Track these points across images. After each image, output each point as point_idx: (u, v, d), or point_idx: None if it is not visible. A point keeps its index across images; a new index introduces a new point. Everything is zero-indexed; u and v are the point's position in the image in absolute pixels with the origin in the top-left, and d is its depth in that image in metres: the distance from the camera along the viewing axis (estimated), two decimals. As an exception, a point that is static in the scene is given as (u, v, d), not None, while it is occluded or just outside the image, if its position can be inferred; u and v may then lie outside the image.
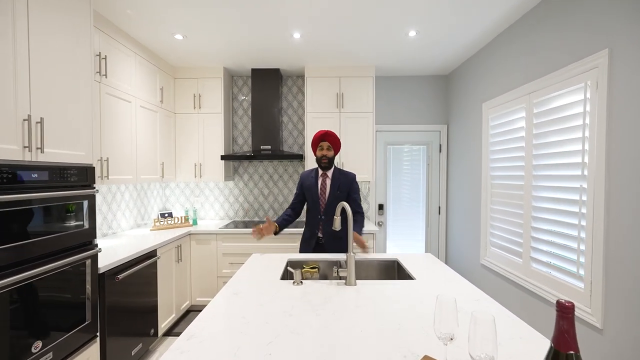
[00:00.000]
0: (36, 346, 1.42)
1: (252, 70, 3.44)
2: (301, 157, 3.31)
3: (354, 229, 2.03)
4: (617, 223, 1.57)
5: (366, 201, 3.74)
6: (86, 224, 1.73)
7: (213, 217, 3.76)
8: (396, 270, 1.96)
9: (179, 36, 2.66)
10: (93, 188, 1.78)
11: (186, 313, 3.14)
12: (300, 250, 2.33)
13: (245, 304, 1.28)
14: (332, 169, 2.25)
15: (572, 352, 0.56)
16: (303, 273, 1.82)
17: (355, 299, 1.33)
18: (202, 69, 3.38)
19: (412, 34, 2.64)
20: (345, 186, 2.21)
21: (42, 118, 1.46)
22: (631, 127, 1.50)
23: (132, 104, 2.63)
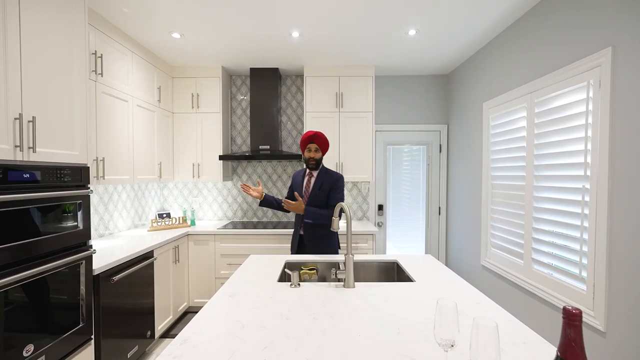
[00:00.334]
0: (28, 350, 1.39)
1: (251, 69, 3.41)
2: (300, 157, 3.28)
3: (311, 211, 2.15)
4: (621, 224, 1.54)
5: (366, 202, 3.71)
6: (80, 225, 1.70)
7: (211, 218, 3.73)
8: (396, 271, 1.94)
9: (177, 35, 2.63)
10: (87, 188, 1.75)
11: (184, 315, 3.11)
12: (290, 248, 2.38)
13: (241, 307, 1.25)
14: (319, 169, 2.29)
15: (580, 362, 0.53)
16: (301, 275, 1.79)
17: (353, 302, 1.30)
18: (200, 68, 3.36)
19: (412, 33, 2.61)
20: (327, 185, 2.23)
21: (34, 117, 1.43)
22: (635, 127, 1.47)
23: (129, 103, 2.60)
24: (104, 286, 1.91)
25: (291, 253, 2.39)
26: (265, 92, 3.41)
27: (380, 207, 3.73)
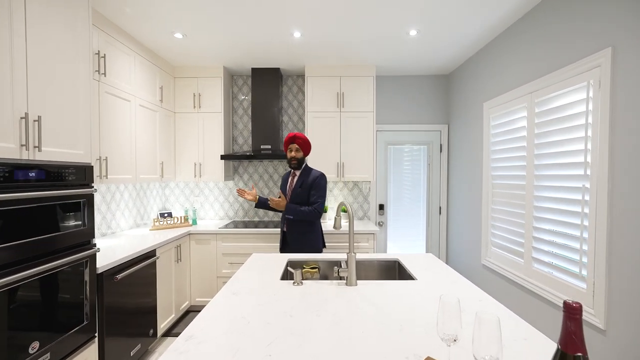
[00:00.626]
0: (33, 347, 1.41)
1: (252, 69, 3.42)
2: (301, 157, 3.30)
3: (292, 207, 2.30)
4: (621, 223, 1.55)
5: (367, 201, 3.73)
6: (84, 224, 1.72)
7: (213, 217, 3.75)
8: (397, 270, 1.95)
9: (179, 35, 2.65)
10: (91, 187, 1.77)
11: (186, 313, 3.13)
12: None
13: (244, 304, 1.27)
14: (302, 169, 2.41)
15: (580, 354, 0.54)
16: (303, 273, 1.81)
17: (356, 300, 1.32)
18: (202, 68, 3.37)
19: (413, 33, 2.62)
20: (307, 184, 2.35)
21: (40, 116, 1.44)
22: (634, 126, 1.49)
23: (132, 103, 2.61)
24: (108, 285, 1.92)
25: (279, 251, 2.48)
26: (266, 92, 3.42)
27: (381, 207, 3.74)
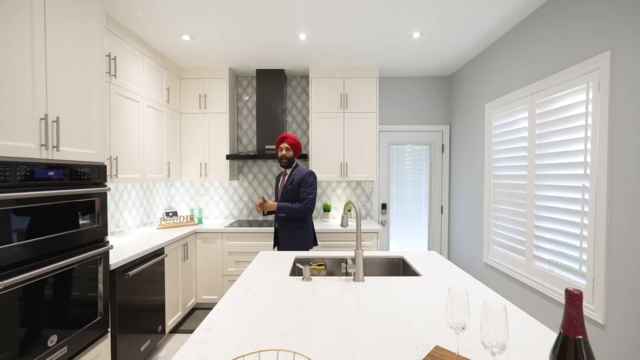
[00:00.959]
0: (52, 340, 1.45)
1: (257, 70, 3.47)
2: (305, 157, 3.34)
3: (283, 205, 2.39)
4: (619, 221, 1.60)
5: (369, 200, 3.78)
6: (98, 222, 1.77)
7: (217, 216, 3.79)
8: (401, 267, 2.00)
9: (187, 37, 2.70)
10: (105, 186, 1.82)
11: (192, 311, 3.18)
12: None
13: (257, 299, 1.32)
14: (292, 168, 2.51)
15: (581, 337, 0.59)
16: (310, 270, 1.85)
17: (364, 294, 1.36)
18: (208, 70, 3.42)
19: (417, 36, 2.67)
20: (297, 182, 2.44)
21: (58, 117, 1.49)
22: (633, 127, 1.54)
23: (140, 104, 2.66)
24: (120, 281, 1.97)
25: (272, 249, 2.56)
26: (271, 93, 3.47)
27: (383, 206, 3.79)
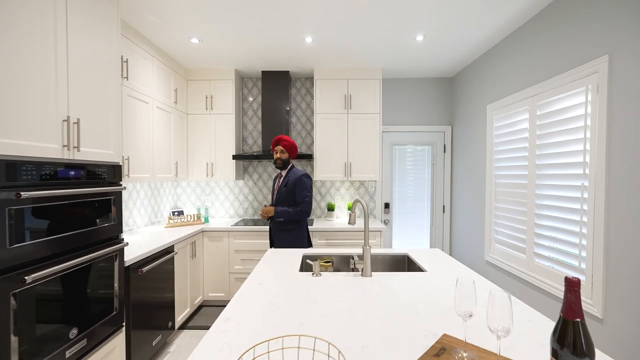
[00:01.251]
0: (73, 332, 1.52)
1: (263, 72, 3.54)
2: (309, 157, 3.41)
3: (280, 210, 2.44)
4: (617, 219, 1.67)
5: (372, 200, 3.84)
6: (114, 220, 1.83)
7: (223, 216, 3.86)
8: (406, 264, 2.06)
9: (195, 40, 2.76)
10: (120, 185, 1.88)
11: (199, 308, 3.24)
12: None
13: (271, 293, 1.38)
14: (287, 169, 2.53)
15: (578, 320, 0.66)
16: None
17: (373, 288, 1.43)
18: (214, 71, 3.48)
19: (420, 39, 2.74)
20: (291, 183, 2.46)
21: (79, 119, 1.55)
22: (630, 128, 1.60)
23: (150, 105, 2.73)
24: (133, 277, 2.03)
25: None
26: (276, 94, 3.54)
27: (386, 205, 3.86)
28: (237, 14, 2.34)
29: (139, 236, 2.68)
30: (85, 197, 1.59)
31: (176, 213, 3.48)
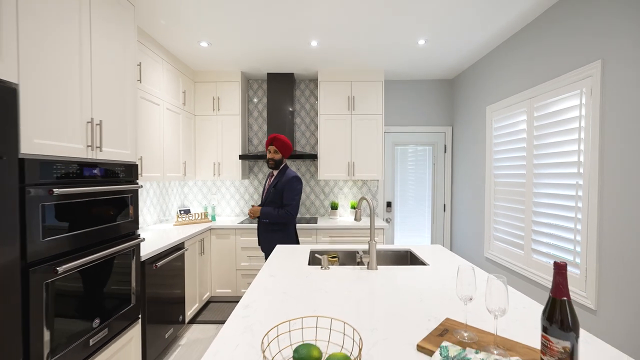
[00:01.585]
0: (96, 322, 1.61)
1: (268, 74, 3.63)
2: (314, 157, 3.50)
3: (265, 211, 2.40)
4: (609, 215, 1.76)
5: (375, 199, 3.94)
6: (132, 216, 1.92)
7: (229, 214, 3.95)
8: (409, 259, 2.15)
9: (205, 44, 2.85)
10: (137, 183, 1.97)
11: (207, 303, 3.33)
12: None
13: (283, 283, 1.47)
14: (279, 170, 2.48)
15: (565, 298, 0.75)
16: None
17: (379, 280, 1.52)
18: (221, 73, 3.58)
19: (422, 43, 2.83)
20: (281, 185, 2.41)
21: (101, 120, 1.65)
22: (621, 129, 1.70)
23: (160, 107, 2.82)
24: (148, 272, 2.13)
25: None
26: (280, 96, 3.63)
27: (388, 204, 3.95)
28: (246, 20, 2.44)
29: (150, 233, 2.77)
30: (107, 195, 1.69)
31: (183, 212, 3.57)
